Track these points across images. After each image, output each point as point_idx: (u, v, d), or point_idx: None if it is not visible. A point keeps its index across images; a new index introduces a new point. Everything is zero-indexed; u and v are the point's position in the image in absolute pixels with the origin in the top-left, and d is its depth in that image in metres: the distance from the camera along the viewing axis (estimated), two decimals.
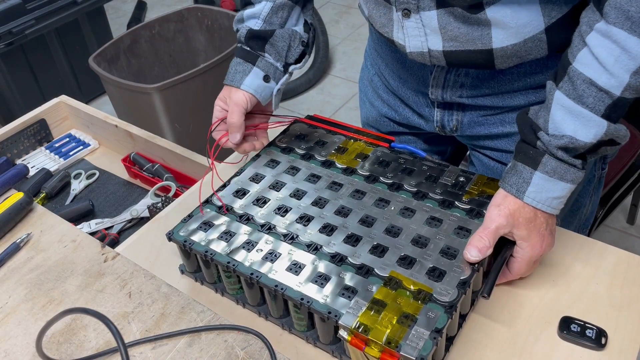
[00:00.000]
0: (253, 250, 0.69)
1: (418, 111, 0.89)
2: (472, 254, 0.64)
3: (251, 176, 0.81)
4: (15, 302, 0.76)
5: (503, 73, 0.76)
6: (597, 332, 0.65)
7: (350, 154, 0.82)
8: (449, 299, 0.61)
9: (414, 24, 0.72)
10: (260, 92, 0.82)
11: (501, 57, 0.71)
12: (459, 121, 0.85)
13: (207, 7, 2.04)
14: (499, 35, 0.69)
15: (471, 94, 0.80)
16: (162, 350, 0.68)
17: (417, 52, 0.75)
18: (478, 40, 0.70)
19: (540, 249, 0.67)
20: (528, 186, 0.65)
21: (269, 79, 0.82)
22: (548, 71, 0.75)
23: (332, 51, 2.84)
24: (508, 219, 0.65)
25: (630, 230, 1.84)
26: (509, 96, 0.79)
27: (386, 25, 0.76)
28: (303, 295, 0.63)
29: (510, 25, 0.67)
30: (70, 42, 2.42)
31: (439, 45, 0.72)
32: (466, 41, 0.71)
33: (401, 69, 0.86)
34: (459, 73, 0.79)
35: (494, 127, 0.83)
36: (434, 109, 0.86)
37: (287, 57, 0.84)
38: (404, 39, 0.75)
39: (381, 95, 0.96)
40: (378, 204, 0.74)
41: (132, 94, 1.74)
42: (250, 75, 0.81)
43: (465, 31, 0.70)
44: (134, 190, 1.10)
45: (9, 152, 1.14)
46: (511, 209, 0.66)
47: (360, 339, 0.59)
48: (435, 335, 0.57)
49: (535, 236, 0.66)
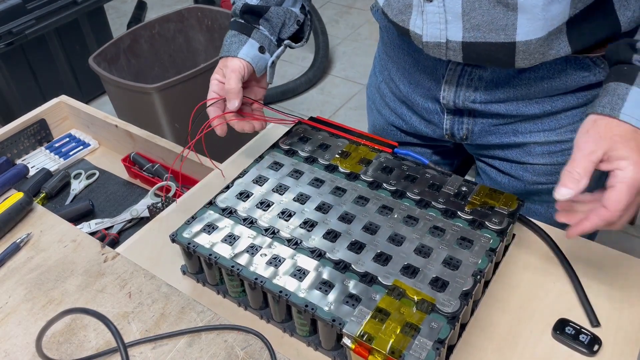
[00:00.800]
0: (257, 255, 0.69)
1: (427, 118, 0.88)
2: (561, 192, 0.56)
3: (254, 178, 0.81)
4: (15, 302, 0.76)
5: (519, 77, 0.74)
6: (591, 338, 0.66)
7: (354, 159, 0.82)
8: (452, 310, 0.61)
9: (435, 8, 0.68)
10: (256, 62, 0.81)
11: (523, 53, 0.68)
12: (469, 129, 0.84)
13: (207, 7, 2.04)
14: (525, 26, 0.65)
15: (484, 99, 0.78)
16: (162, 350, 0.68)
17: (433, 43, 0.72)
18: (502, 30, 0.66)
19: None
20: (624, 102, 0.58)
21: (264, 50, 0.82)
22: (566, 77, 0.73)
23: (332, 51, 2.84)
24: (599, 142, 0.57)
25: (630, 230, 1.84)
26: (523, 104, 0.77)
27: (403, 12, 0.73)
28: (307, 302, 0.63)
29: (538, 17, 0.64)
30: (70, 42, 2.42)
31: (458, 35, 0.69)
32: (489, 31, 0.67)
33: (413, 71, 0.85)
34: (472, 77, 0.77)
35: (505, 136, 0.82)
36: (444, 115, 0.85)
37: (280, 33, 0.83)
38: (421, 26, 0.71)
39: (389, 103, 0.94)
40: (381, 211, 0.74)
41: (132, 94, 1.74)
42: (246, 45, 0.81)
43: (490, 18, 0.66)
44: (134, 190, 1.10)
45: (9, 152, 1.14)
46: (603, 131, 0.57)
47: (364, 348, 0.59)
48: (438, 345, 0.58)
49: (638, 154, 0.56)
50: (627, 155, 0.56)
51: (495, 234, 0.70)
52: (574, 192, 0.56)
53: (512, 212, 0.72)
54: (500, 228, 0.70)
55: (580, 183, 0.56)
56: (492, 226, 0.70)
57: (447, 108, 0.83)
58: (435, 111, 0.85)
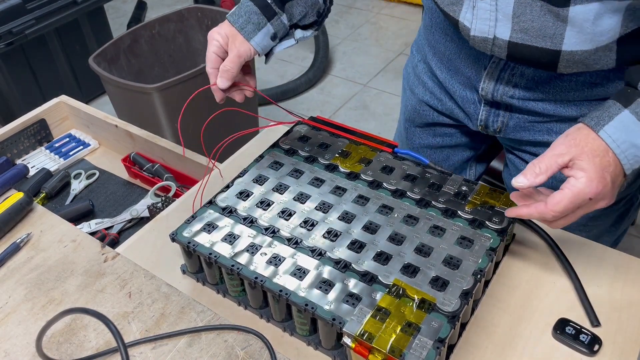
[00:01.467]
0: (257, 254, 0.69)
1: (463, 107, 0.87)
2: (518, 180, 0.59)
3: (255, 178, 0.80)
4: (15, 302, 0.76)
5: (561, 79, 0.74)
6: (591, 338, 0.66)
7: (354, 158, 0.82)
8: (452, 309, 0.61)
9: (487, 5, 0.68)
10: (264, 49, 0.79)
11: (567, 62, 0.68)
12: (504, 123, 0.83)
13: (207, 7, 2.04)
14: (572, 38, 0.65)
15: (523, 95, 0.78)
16: (162, 350, 0.68)
17: (480, 38, 0.71)
18: (549, 38, 0.66)
19: (595, 190, 0.58)
20: (610, 121, 0.59)
21: (276, 37, 0.80)
22: (609, 84, 0.72)
23: (332, 51, 2.84)
24: (571, 148, 0.59)
25: (631, 230, 1.84)
26: (561, 105, 0.76)
27: (455, 4, 0.73)
28: (307, 301, 0.63)
29: (587, 31, 0.64)
30: (70, 42, 2.42)
31: (506, 34, 0.69)
32: (536, 36, 0.67)
33: (455, 57, 0.83)
34: (514, 72, 0.76)
35: (539, 134, 0.81)
36: (481, 106, 0.84)
37: (299, 21, 0.81)
38: (471, 20, 0.71)
39: (425, 82, 0.93)
40: (382, 211, 0.74)
41: (132, 94, 1.74)
42: (262, 31, 0.77)
43: (539, 25, 0.66)
44: (134, 190, 1.10)
45: (9, 152, 1.14)
46: (579, 139, 0.59)
47: (364, 347, 0.59)
48: (439, 344, 0.58)
49: (597, 172, 0.58)
50: (587, 168, 0.58)
51: (496, 233, 0.70)
52: (529, 184, 0.58)
53: None
54: (501, 227, 0.70)
55: (537, 178, 0.58)
56: (492, 226, 0.70)
57: (484, 99, 0.82)
58: (472, 101, 0.85)
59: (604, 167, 0.59)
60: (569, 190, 0.59)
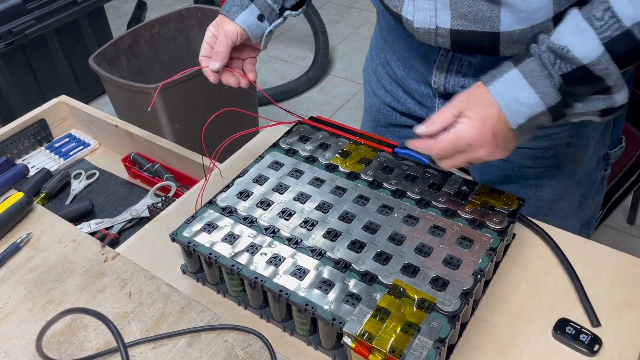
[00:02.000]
0: (257, 254, 0.69)
1: (420, 101, 0.91)
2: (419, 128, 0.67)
3: (255, 178, 0.80)
4: (15, 302, 0.76)
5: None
6: (591, 338, 0.66)
7: (354, 158, 0.82)
8: (452, 309, 0.61)
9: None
10: (253, 29, 0.81)
11: (506, 43, 0.72)
12: None
13: (207, 7, 2.04)
14: (508, 18, 0.69)
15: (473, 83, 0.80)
16: (162, 350, 0.68)
17: (423, 29, 0.75)
18: (487, 21, 0.70)
19: (474, 136, 0.64)
20: (500, 77, 0.65)
21: (264, 18, 0.82)
22: None
23: (332, 51, 2.84)
24: (463, 102, 0.66)
25: (631, 230, 1.84)
26: None
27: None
28: (308, 301, 0.63)
29: (520, 9, 0.68)
30: (70, 42, 2.42)
31: (447, 22, 0.73)
32: (475, 21, 0.71)
33: (407, 55, 0.87)
34: (462, 63, 0.80)
35: None
36: (436, 99, 0.87)
37: (285, 1, 0.83)
38: (413, 13, 0.75)
39: (385, 85, 0.97)
40: (382, 211, 0.74)
41: (132, 94, 1.74)
42: (246, 10, 0.80)
43: (476, 9, 0.70)
44: (134, 190, 1.10)
45: (9, 152, 1.14)
46: (472, 94, 0.66)
47: (364, 347, 0.59)
48: (439, 344, 0.58)
49: (479, 121, 0.64)
50: (471, 117, 0.64)
51: (496, 233, 0.70)
52: (426, 131, 0.66)
53: (513, 211, 0.72)
54: (501, 227, 0.70)
55: (433, 126, 0.66)
56: (492, 226, 0.70)
57: (438, 92, 0.86)
58: (428, 95, 0.89)
59: (486, 118, 0.64)
60: (452, 133, 0.65)
